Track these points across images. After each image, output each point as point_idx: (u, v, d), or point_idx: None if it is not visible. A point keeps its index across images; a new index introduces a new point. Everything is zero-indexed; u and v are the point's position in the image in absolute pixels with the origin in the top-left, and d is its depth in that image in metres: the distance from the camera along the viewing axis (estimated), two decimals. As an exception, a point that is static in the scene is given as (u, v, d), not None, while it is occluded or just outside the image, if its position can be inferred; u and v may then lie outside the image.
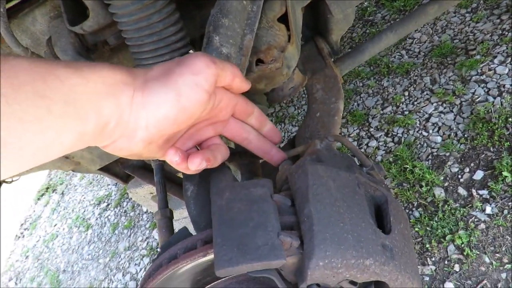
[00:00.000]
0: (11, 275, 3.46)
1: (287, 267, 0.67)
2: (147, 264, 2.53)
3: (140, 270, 2.53)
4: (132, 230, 2.85)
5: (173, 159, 0.58)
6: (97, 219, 3.22)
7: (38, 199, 4.15)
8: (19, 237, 3.85)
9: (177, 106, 0.49)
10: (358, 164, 0.89)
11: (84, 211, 3.41)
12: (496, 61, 2.02)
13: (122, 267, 2.65)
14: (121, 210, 3.09)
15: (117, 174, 1.66)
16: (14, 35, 0.90)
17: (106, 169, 1.57)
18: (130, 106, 0.47)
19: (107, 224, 3.09)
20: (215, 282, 0.76)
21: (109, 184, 3.45)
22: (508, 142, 1.68)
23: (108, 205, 3.26)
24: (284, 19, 1.01)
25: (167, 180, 1.43)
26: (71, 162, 1.43)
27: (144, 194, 1.78)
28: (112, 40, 1.03)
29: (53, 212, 3.77)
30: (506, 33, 2.11)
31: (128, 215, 3.02)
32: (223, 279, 0.76)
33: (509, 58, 1.99)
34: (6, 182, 1.84)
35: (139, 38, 0.90)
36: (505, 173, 1.58)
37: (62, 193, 3.92)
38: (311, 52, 1.38)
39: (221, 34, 0.86)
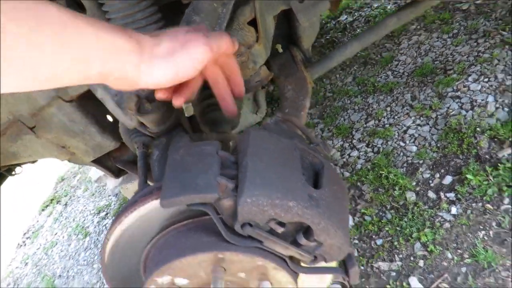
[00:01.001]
0: (9, 281, 3.55)
1: (226, 210, 0.79)
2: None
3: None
4: (127, 237, 2.95)
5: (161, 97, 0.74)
6: (95, 227, 3.34)
7: (43, 210, 4.30)
8: (21, 245, 3.97)
9: (175, 78, 0.62)
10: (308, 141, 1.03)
11: (84, 220, 3.54)
12: (470, 79, 2.16)
13: (115, 271, 2.73)
14: (119, 218, 3.21)
15: (109, 167, 1.80)
16: None
17: (99, 162, 1.72)
18: (133, 72, 0.57)
19: (104, 232, 3.20)
20: (169, 228, 0.88)
21: (109, 195, 3.59)
22: (476, 150, 1.79)
23: (107, 214, 3.38)
24: (254, 23, 1.18)
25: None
26: (67, 152, 1.58)
27: (134, 190, 1.90)
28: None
29: (55, 221, 3.90)
30: (481, 54, 2.26)
31: (125, 223, 3.12)
32: (176, 226, 0.88)
33: (482, 76, 2.13)
34: (11, 175, 2.00)
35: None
36: (469, 176, 1.68)
37: (66, 204, 4.07)
38: (287, 59, 1.54)
39: (191, 28, 1.02)
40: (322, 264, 0.93)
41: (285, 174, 0.81)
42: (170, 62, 0.60)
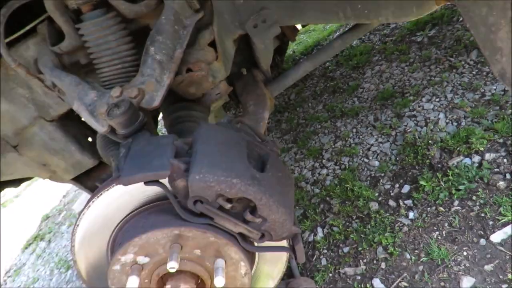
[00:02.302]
0: (-12, 322, 3.46)
1: (180, 191, 0.92)
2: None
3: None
4: (109, 267, 2.96)
5: None
6: (78, 260, 3.34)
7: (26, 248, 4.26)
8: (1, 285, 3.90)
9: None
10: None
11: (67, 254, 3.53)
12: (424, 99, 2.36)
13: (96, 301, 2.73)
14: (101, 250, 3.23)
15: (89, 187, 1.90)
16: (11, 55, 1.24)
17: (79, 181, 1.82)
18: None
19: (87, 264, 3.20)
20: (132, 213, 0.99)
21: (93, 229, 3.61)
22: (429, 160, 1.94)
23: (89, 246, 3.39)
24: (214, 45, 1.37)
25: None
26: (48, 169, 1.68)
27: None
28: (83, 60, 1.37)
29: (38, 258, 3.87)
30: (433, 78, 2.49)
31: (107, 254, 3.14)
32: (138, 211, 1.00)
33: (434, 97, 2.33)
34: (14, 186, 2.06)
35: (98, 52, 1.23)
36: (423, 183, 1.82)
37: (49, 241, 4.05)
38: (249, 80, 1.72)
39: (155, 46, 1.19)
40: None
41: (230, 158, 0.94)
42: None
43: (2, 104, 1.47)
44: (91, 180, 1.91)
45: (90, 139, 1.78)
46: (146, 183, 0.88)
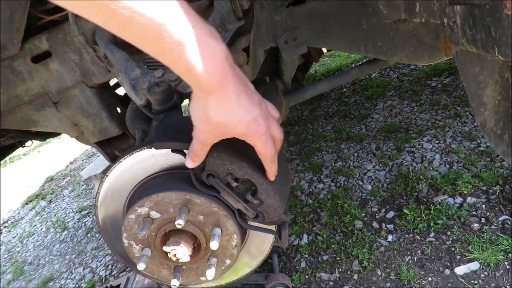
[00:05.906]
0: (-22, 264, 3.64)
1: (198, 168, 1.10)
2: (109, 261, 2.80)
3: (101, 265, 2.79)
4: (103, 235, 3.14)
5: None
6: (75, 223, 3.53)
7: (26, 203, 4.46)
8: (-3, 233, 4.10)
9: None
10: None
11: (65, 216, 3.72)
12: (425, 139, 2.54)
13: (85, 263, 2.91)
14: (98, 218, 3.42)
15: (107, 153, 2.09)
16: (77, 24, 1.45)
17: (101, 145, 2.02)
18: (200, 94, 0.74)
19: (83, 228, 3.39)
20: (153, 175, 1.18)
21: (95, 198, 3.80)
22: (416, 193, 2.11)
23: (88, 213, 3.58)
24: (248, 50, 1.56)
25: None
26: (78, 130, 1.88)
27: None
28: (133, 41, 1.57)
29: (37, 215, 4.06)
30: (438, 122, 2.67)
31: (103, 223, 3.32)
32: (158, 174, 1.18)
33: (434, 139, 2.51)
34: (22, 146, 2.27)
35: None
36: (406, 211, 1.99)
37: (50, 201, 4.25)
38: (271, 87, 1.92)
39: (199, 42, 1.38)
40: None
41: (243, 146, 1.12)
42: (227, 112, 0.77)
43: (54, 63, 1.68)
44: (111, 147, 2.11)
45: (119, 110, 1.98)
46: (173, 151, 1.06)
